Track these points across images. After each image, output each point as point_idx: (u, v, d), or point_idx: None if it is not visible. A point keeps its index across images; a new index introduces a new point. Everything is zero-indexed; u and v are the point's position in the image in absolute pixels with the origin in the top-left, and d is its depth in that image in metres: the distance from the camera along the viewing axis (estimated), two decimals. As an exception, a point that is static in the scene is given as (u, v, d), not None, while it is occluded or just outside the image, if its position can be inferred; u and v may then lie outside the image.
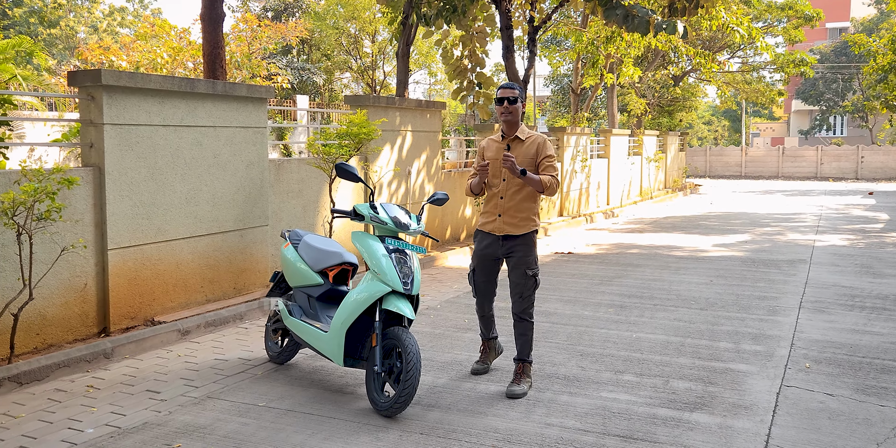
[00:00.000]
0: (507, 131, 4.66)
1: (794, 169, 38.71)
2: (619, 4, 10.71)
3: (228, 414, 4.16)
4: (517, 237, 4.61)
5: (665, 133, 23.24)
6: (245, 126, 7.01)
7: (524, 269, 4.61)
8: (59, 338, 5.52)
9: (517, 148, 4.62)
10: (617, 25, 11.03)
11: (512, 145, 4.62)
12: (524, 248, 4.62)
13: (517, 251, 4.61)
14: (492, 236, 4.66)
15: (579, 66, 18.03)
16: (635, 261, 9.74)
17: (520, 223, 4.61)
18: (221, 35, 7.74)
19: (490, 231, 4.66)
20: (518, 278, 4.64)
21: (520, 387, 4.50)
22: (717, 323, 6.29)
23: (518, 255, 4.61)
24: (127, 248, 5.92)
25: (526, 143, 4.62)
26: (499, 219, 4.63)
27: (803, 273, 8.78)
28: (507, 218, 4.62)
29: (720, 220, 15.43)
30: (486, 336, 5.00)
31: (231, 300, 6.88)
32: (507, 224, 4.61)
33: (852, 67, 44.28)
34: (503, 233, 4.62)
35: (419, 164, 9.94)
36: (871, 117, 45.46)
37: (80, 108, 5.80)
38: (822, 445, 3.74)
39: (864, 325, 6.25)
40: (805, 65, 24.38)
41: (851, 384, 4.70)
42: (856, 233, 13.11)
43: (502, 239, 4.64)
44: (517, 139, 4.63)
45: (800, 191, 26.53)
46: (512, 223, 4.61)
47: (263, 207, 7.28)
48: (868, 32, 41.55)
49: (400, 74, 10.98)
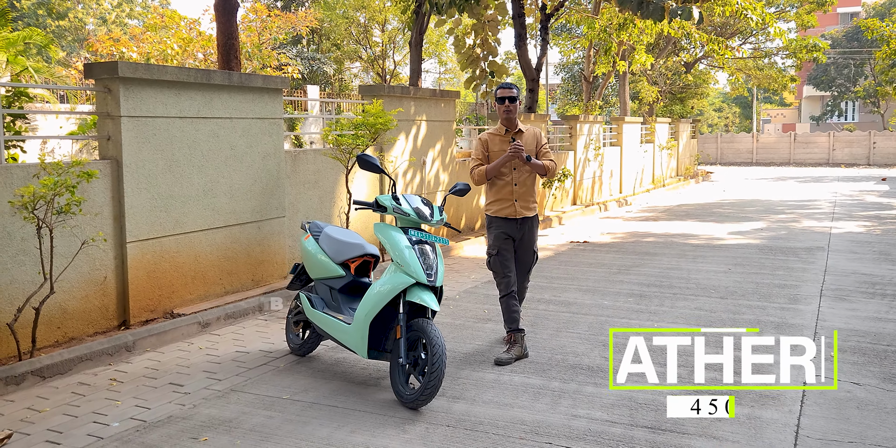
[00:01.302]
0: (510, 126, 5.24)
1: (806, 155, 38.43)
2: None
3: (253, 407, 4.15)
4: (530, 218, 5.25)
5: (677, 120, 23.07)
6: (261, 117, 6.98)
7: (533, 247, 5.29)
8: (80, 331, 5.53)
9: (520, 139, 5.21)
10: (631, 12, 10.91)
11: (516, 137, 5.18)
12: (534, 227, 5.30)
13: (530, 231, 5.26)
14: (511, 220, 5.20)
15: (591, 54, 17.88)
16: (652, 249, 9.69)
17: (531, 205, 5.27)
18: (235, 26, 7.70)
19: (507, 216, 5.19)
20: (527, 256, 5.29)
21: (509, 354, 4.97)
22: (739, 312, 6.24)
23: (530, 234, 5.26)
24: (145, 240, 5.91)
25: (526, 135, 5.27)
26: (515, 204, 5.20)
27: (822, 261, 8.71)
28: (521, 202, 5.21)
29: (734, 208, 15.32)
30: (513, 326, 5.08)
31: (249, 292, 6.87)
32: (523, 208, 5.21)
33: (864, 52, 43.77)
34: (521, 215, 5.19)
35: (433, 153, 9.89)
36: (882, 103, 45.01)
37: (96, 100, 5.78)
38: (851, 436, 3.70)
39: (886, 313, 6.19)
40: (818, 50, 24.06)
41: (878, 373, 4.66)
42: (871, 219, 12.99)
43: (521, 221, 5.20)
44: (520, 132, 5.25)
45: (812, 177, 26.34)
46: (526, 206, 5.23)
47: (280, 199, 7.25)
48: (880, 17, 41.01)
49: (413, 63, 10.91)
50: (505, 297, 5.15)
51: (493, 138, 5.28)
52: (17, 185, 4.99)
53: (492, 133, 5.31)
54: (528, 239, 5.25)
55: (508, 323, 5.09)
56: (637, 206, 16.06)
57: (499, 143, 5.24)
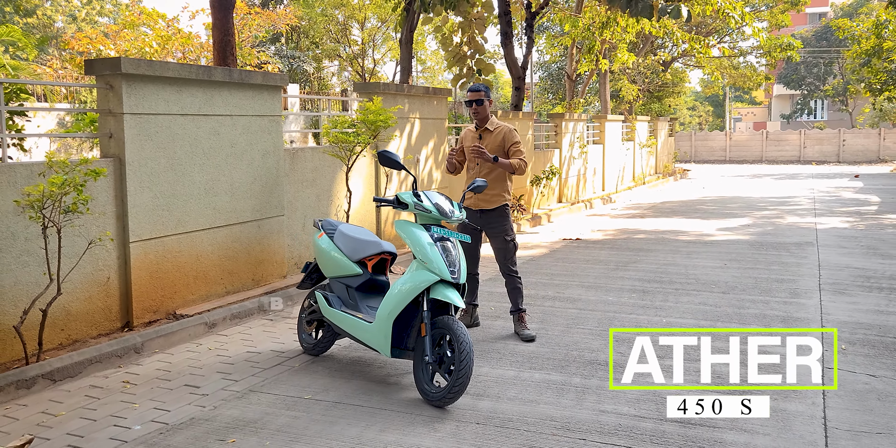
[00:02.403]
0: (480, 124, 5.64)
1: (778, 153, 39.02)
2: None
3: (276, 407, 4.09)
4: (492, 211, 5.55)
5: (655, 119, 23.28)
6: (261, 114, 6.89)
7: (503, 236, 5.57)
8: (84, 333, 5.41)
9: (487, 137, 5.61)
10: (620, 10, 10.98)
11: (483, 135, 5.62)
12: (500, 219, 5.56)
13: (494, 222, 5.56)
14: (470, 211, 5.57)
15: (574, 52, 17.97)
16: (645, 246, 9.76)
17: (491, 199, 5.54)
18: (232, 22, 7.58)
19: (468, 206, 5.56)
20: (499, 244, 5.59)
21: (529, 330, 5.47)
22: (743, 306, 6.30)
23: (495, 225, 5.56)
24: (148, 240, 5.80)
25: (494, 133, 5.60)
26: (474, 196, 5.54)
27: (813, 255, 8.84)
28: (480, 195, 5.51)
29: (717, 205, 15.50)
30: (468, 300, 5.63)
31: (250, 292, 6.78)
32: (481, 200, 5.54)
33: (832, 52, 44.63)
34: (478, 207, 5.56)
35: (427, 151, 9.85)
36: (850, 101, 45.95)
37: (98, 97, 5.65)
38: (878, 427, 3.75)
39: (886, 306, 6.30)
40: (791, 49, 24.48)
41: (891, 365, 4.73)
42: (852, 215, 13.23)
43: (479, 213, 5.55)
44: (487, 130, 5.62)
45: (787, 174, 26.75)
46: (485, 199, 5.54)
47: (279, 197, 7.17)
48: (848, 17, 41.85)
49: (403, 61, 10.85)
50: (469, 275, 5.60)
51: (467, 134, 5.76)
52: (21, 184, 4.86)
53: (469, 129, 5.81)
54: (495, 229, 5.55)
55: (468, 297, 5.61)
56: (621, 204, 16.18)
57: (471, 139, 5.68)
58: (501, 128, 5.66)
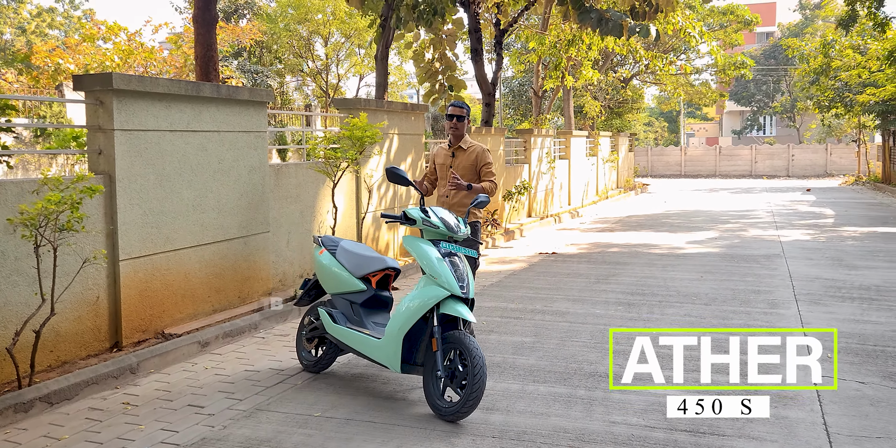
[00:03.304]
0: (454, 142, 5.63)
1: (731, 167, 40.12)
2: (593, 8, 10.91)
3: (287, 426, 4.06)
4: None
5: (616, 134, 23.75)
6: (247, 130, 6.86)
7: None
8: (73, 354, 5.28)
9: (460, 155, 5.61)
10: (591, 29, 11.23)
11: (457, 153, 5.62)
12: (473, 235, 5.45)
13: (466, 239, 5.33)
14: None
15: (540, 69, 18.27)
16: (620, 259, 9.93)
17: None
18: (215, 37, 7.54)
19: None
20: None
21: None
22: (726, 317, 6.47)
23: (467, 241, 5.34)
24: (137, 258, 5.70)
25: (467, 152, 5.61)
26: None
27: (783, 267, 9.12)
28: (456, 212, 5.48)
29: (682, 218, 15.86)
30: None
31: (237, 309, 6.70)
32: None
33: (780, 70, 46.20)
34: None
35: (405, 166, 9.89)
36: (798, 117, 47.56)
37: (87, 113, 5.57)
38: (877, 432, 3.90)
39: (861, 315, 6.54)
40: (745, 67, 25.32)
41: (876, 372, 4.92)
42: (812, 227, 13.68)
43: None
44: (460, 148, 5.63)
45: (742, 188, 27.51)
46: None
47: (265, 213, 7.12)
48: (794, 36, 43.42)
49: (379, 77, 10.91)
50: None
51: (439, 152, 5.75)
52: (12, 202, 4.76)
53: (441, 146, 5.81)
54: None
55: None
56: (589, 218, 16.43)
57: (443, 156, 5.69)
58: (475, 147, 5.70)
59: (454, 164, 5.65)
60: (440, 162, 5.67)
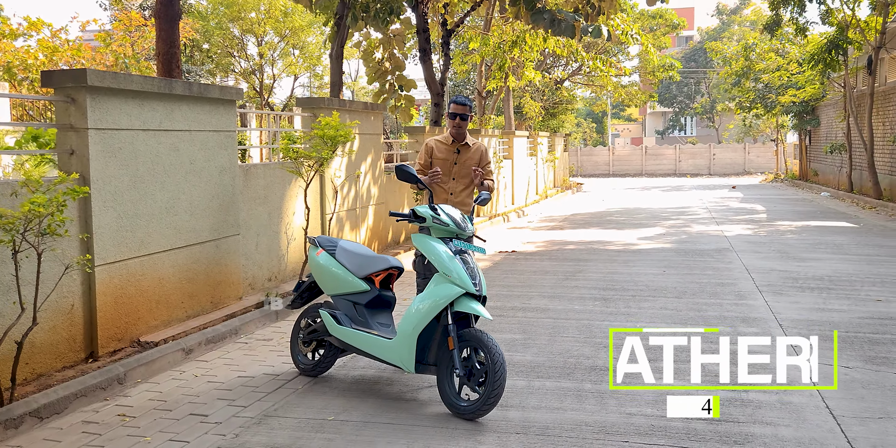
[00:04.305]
0: (458, 138, 5.55)
1: (656, 166, 41.46)
2: (546, 9, 11.07)
3: (303, 431, 3.94)
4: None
5: (553, 135, 24.16)
6: (217, 130, 6.63)
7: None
8: (49, 366, 4.98)
9: (465, 152, 5.57)
10: (544, 29, 11.39)
11: (462, 150, 5.56)
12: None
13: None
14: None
15: (483, 70, 18.40)
16: (580, 256, 10.10)
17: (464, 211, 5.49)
18: (178, 34, 7.26)
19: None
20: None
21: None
22: (701, 309, 6.67)
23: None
24: (113, 263, 5.44)
25: (472, 149, 5.58)
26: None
27: (737, 260, 9.47)
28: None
29: (625, 216, 16.26)
30: None
31: (210, 315, 6.47)
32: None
33: (700, 72, 48.02)
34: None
35: (365, 166, 9.79)
36: (717, 118, 49.54)
37: (56, 111, 5.27)
38: (877, 412, 4.09)
39: (823, 304, 6.85)
40: (673, 69, 26.19)
41: (856, 357, 5.16)
42: (749, 223, 14.26)
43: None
44: (466, 145, 5.56)
45: (672, 186, 28.44)
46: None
47: (235, 216, 6.91)
48: (712, 40, 45.20)
49: (334, 76, 10.75)
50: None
51: (439, 146, 5.58)
52: (-14, 205, 4.45)
53: (439, 141, 5.62)
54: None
55: None
56: (535, 217, 16.64)
57: (444, 151, 5.55)
58: (478, 145, 5.69)
59: (459, 160, 5.55)
60: (442, 157, 5.53)
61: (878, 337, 5.66)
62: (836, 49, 17.97)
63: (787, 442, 3.70)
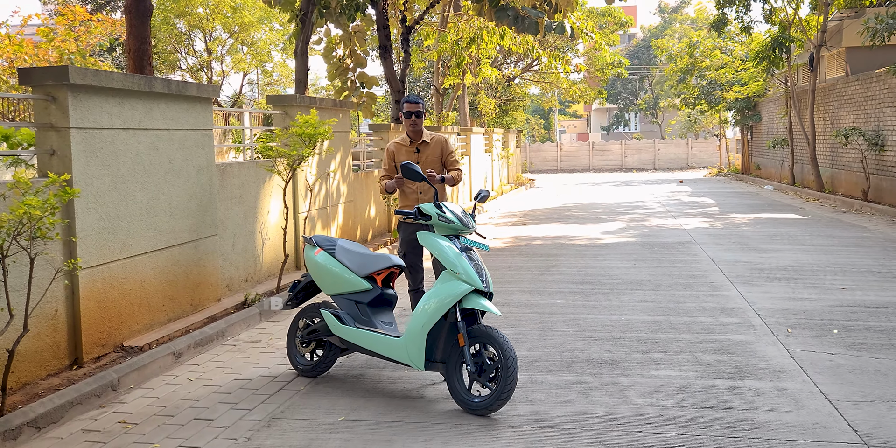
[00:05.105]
0: (415, 137, 5.50)
1: (603, 162, 42.18)
2: (510, 6, 11.15)
3: (316, 432, 3.91)
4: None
5: (506, 131, 24.36)
6: (195, 128, 6.49)
7: None
8: (34, 374, 4.81)
9: (425, 150, 5.51)
10: (508, 26, 11.47)
11: (421, 148, 5.50)
12: None
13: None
14: (415, 226, 5.24)
15: (440, 67, 18.42)
16: (549, 251, 10.23)
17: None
18: (149, 30, 7.05)
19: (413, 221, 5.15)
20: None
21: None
22: (679, 301, 6.84)
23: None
24: (96, 267, 5.27)
25: (431, 145, 5.53)
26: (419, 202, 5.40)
27: (701, 253, 9.74)
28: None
29: (583, 211, 16.51)
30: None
31: (190, 317, 6.33)
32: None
33: (643, 69, 49.02)
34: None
35: (335, 164, 9.70)
36: (660, 114, 50.68)
37: (36, 110, 5.08)
38: (868, 395, 4.28)
39: (793, 293, 7.11)
40: (621, 66, 26.68)
41: (836, 343, 5.38)
42: (704, 216, 14.65)
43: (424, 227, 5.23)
44: (425, 143, 5.51)
45: (621, 181, 28.99)
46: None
47: (213, 216, 6.78)
48: (654, 37, 46.21)
49: (299, 73, 10.61)
50: (414, 291, 5.50)
51: (399, 149, 5.54)
52: (-31, 208, 4.27)
53: (398, 143, 5.57)
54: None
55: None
56: (495, 213, 16.75)
57: (405, 153, 5.51)
58: (437, 138, 5.61)
59: (420, 159, 5.48)
60: (402, 159, 5.47)
61: (851, 324, 5.91)
62: (780, 47, 18.60)
63: (793, 427, 3.84)
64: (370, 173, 11.29)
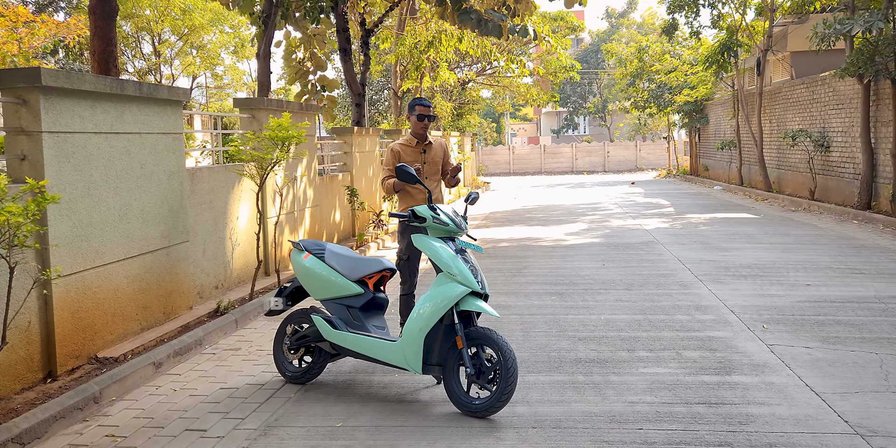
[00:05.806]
0: (421, 139, 5.66)
1: (554, 165, 42.68)
2: (473, 9, 11.20)
3: (315, 439, 3.84)
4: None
5: (462, 134, 24.44)
6: (166, 132, 6.33)
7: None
8: (7, 388, 4.61)
9: (430, 151, 5.68)
10: (470, 29, 11.51)
11: (427, 149, 5.67)
12: None
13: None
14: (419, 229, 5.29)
15: (398, 70, 18.36)
16: (517, 253, 10.29)
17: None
18: (114, 31, 6.84)
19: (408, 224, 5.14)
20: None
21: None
22: (653, 299, 6.96)
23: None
24: (69, 275, 5.09)
25: (435, 147, 5.73)
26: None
27: (666, 252, 9.93)
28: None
29: (543, 213, 16.67)
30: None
31: (163, 326, 6.17)
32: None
33: (592, 73, 49.82)
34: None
35: (301, 168, 9.58)
36: (608, 117, 51.55)
37: (5, 114, 4.87)
38: (851, 387, 4.42)
39: (761, 290, 7.30)
40: (573, 70, 27.07)
41: (811, 338, 5.54)
42: (661, 216, 14.94)
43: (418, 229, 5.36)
44: (429, 144, 5.69)
45: (575, 183, 29.37)
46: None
47: (184, 222, 6.61)
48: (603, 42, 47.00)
49: (262, 76, 10.45)
50: (406, 295, 5.45)
51: (405, 149, 5.63)
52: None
53: (403, 144, 5.66)
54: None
55: (405, 317, 5.34)
56: (455, 216, 16.74)
57: (411, 153, 5.61)
58: (439, 141, 5.85)
59: (426, 159, 5.61)
60: (410, 159, 5.57)
61: (822, 319, 6.10)
62: (728, 51, 19.13)
63: (786, 419, 3.94)
64: (335, 177, 11.19)
